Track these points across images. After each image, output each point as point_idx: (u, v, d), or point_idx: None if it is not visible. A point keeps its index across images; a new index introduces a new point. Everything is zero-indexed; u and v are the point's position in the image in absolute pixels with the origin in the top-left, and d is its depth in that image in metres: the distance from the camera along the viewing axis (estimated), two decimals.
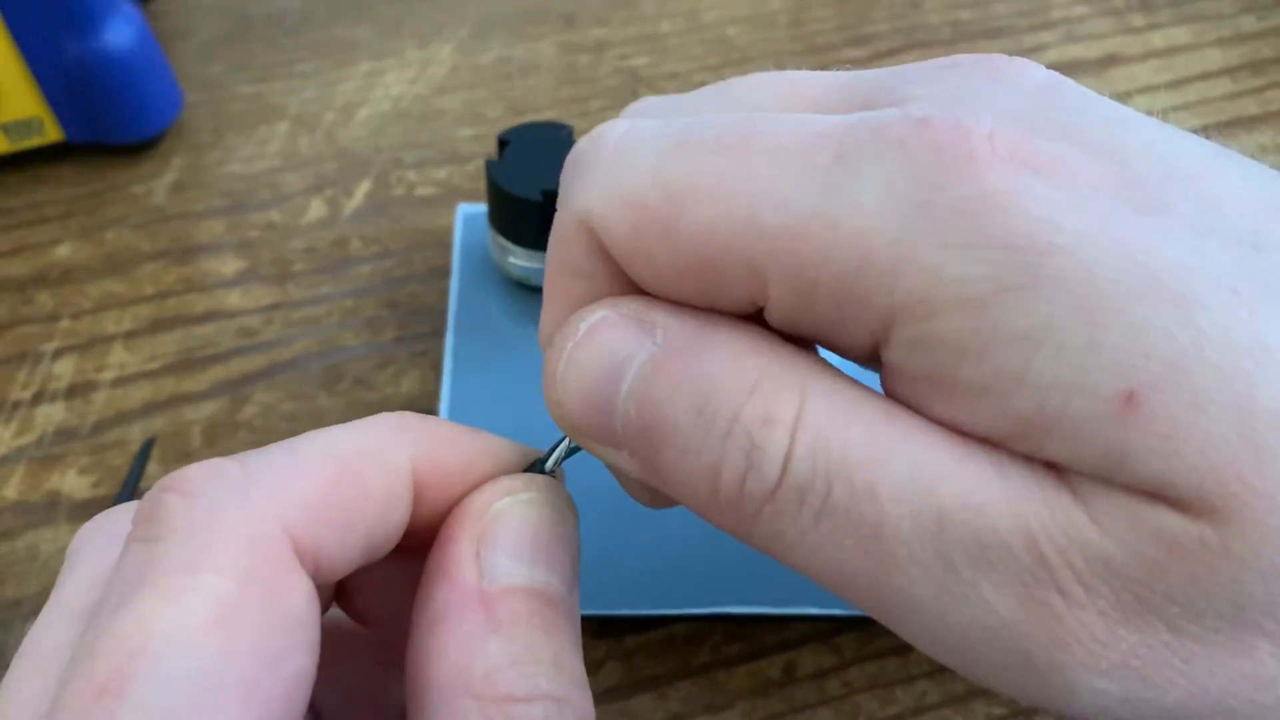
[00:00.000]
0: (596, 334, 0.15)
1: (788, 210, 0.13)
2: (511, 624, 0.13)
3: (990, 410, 0.13)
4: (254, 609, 0.12)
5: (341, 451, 0.14)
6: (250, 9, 0.45)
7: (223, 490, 0.13)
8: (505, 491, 0.15)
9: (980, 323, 0.12)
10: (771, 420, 0.13)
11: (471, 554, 0.14)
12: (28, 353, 0.33)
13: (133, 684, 0.11)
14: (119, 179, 0.38)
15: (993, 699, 0.27)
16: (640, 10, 0.45)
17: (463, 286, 0.33)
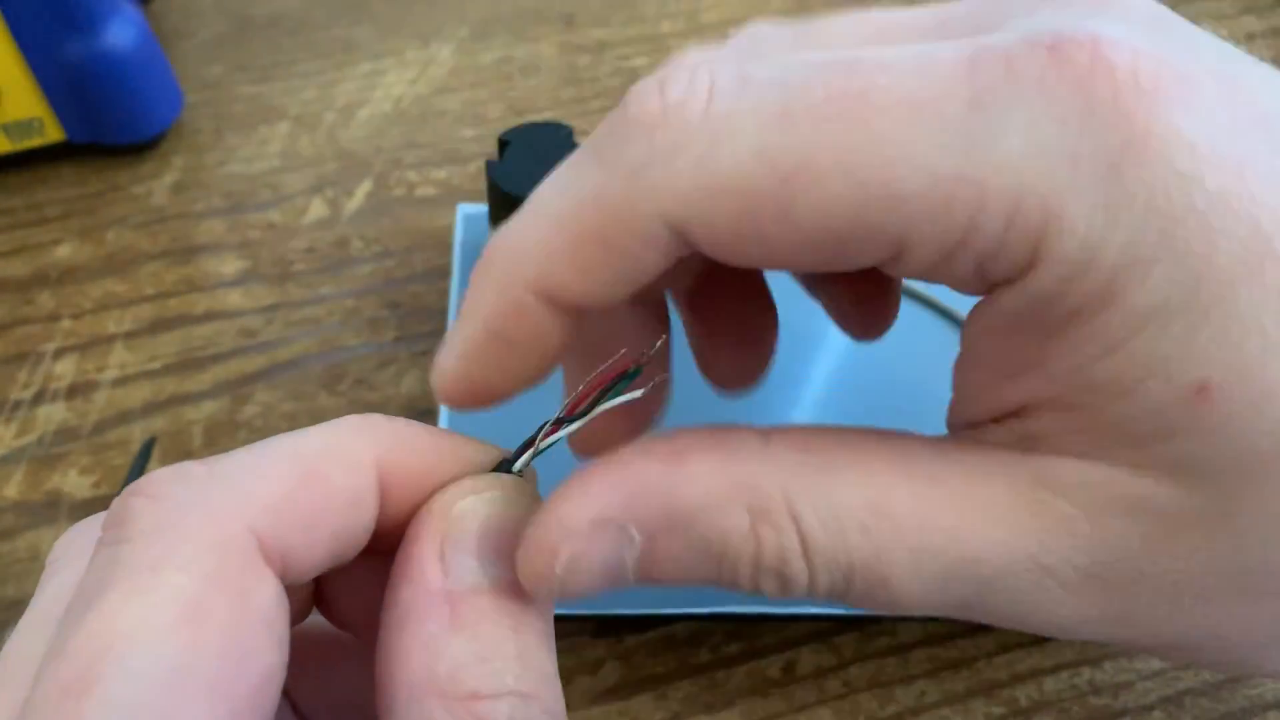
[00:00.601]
0: (577, 566, 0.14)
1: (928, 174, 0.13)
2: (476, 622, 0.13)
3: (1068, 366, 0.13)
4: (219, 607, 0.12)
5: (306, 453, 0.14)
6: (251, 10, 0.45)
7: (188, 493, 0.13)
8: (469, 490, 0.14)
9: (1105, 292, 0.13)
10: (786, 557, 0.15)
11: (435, 554, 0.14)
12: (28, 352, 0.33)
13: (100, 683, 0.11)
14: (119, 179, 0.38)
15: (992, 698, 0.27)
16: (640, 11, 0.45)
17: (463, 286, 0.33)
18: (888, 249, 0.14)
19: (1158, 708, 0.27)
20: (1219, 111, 0.13)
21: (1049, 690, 0.27)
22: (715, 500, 0.14)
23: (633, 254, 0.14)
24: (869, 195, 0.13)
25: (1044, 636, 0.28)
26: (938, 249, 0.13)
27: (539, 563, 0.14)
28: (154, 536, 0.12)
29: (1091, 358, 0.13)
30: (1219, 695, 0.27)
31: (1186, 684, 0.27)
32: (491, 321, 0.15)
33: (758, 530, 0.14)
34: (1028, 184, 0.12)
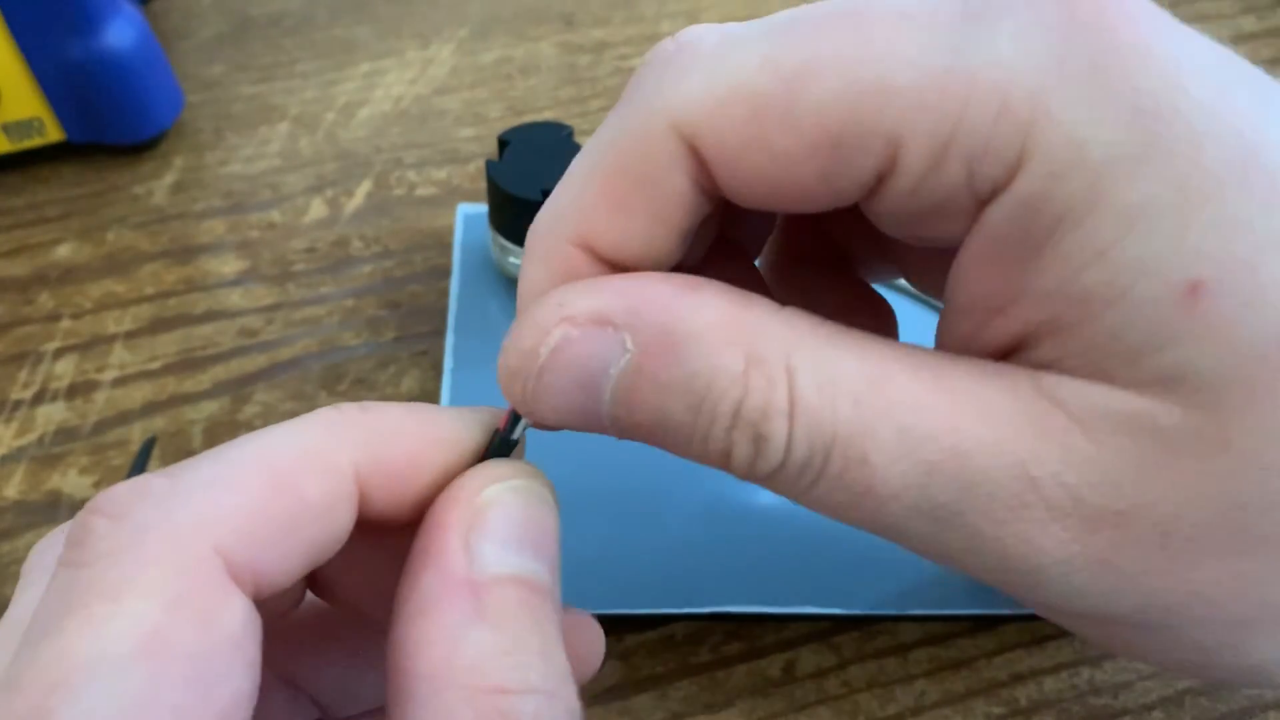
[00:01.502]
0: (562, 353, 0.14)
1: (920, 68, 0.13)
2: (500, 614, 0.13)
3: (1058, 279, 0.13)
4: (183, 634, 0.11)
5: (276, 458, 0.13)
6: (251, 10, 0.45)
7: (150, 511, 0.12)
8: (494, 478, 0.14)
9: (1092, 191, 0.13)
10: (770, 412, 0.14)
11: (460, 541, 0.13)
12: (28, 352, 0.33)
13: (54, 716, 0.10)
14: (120, 179, 0.38)
15: (992, 698, 0.27)
16: (640, 11, 0.45)
17: (463, 286, 0.33)
18: (882, 150, 0.14)
19: (1157, 707, 0.27)
20: (1197, 43, 0.13)
21: (1049, 690, 0.27)
22: (715, 334, 0.14)
23: (656, 181, 0.14)
24: (863, 90, 0.13)
25: (1044, 636, 0.28)
26: (929, 149, 0.13)
27: (527, 338, 0.14)
28: (113, 560, 0.12)
29: (1081, 265, 0.13)
30: (1218, 695, 0.27)
31: (1186, 684, 0.27)
32: (545, 288, 0.15)
33: (748, 375, 0.14)
34: (1015, 79, 0.13)
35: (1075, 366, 0.14)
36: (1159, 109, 0.12)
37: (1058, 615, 0.16)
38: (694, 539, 0.28)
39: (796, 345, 0.14)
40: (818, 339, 0.14)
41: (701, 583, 0.27)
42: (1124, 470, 0.13)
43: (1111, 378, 0.13)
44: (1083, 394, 0.14)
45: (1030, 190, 0.13)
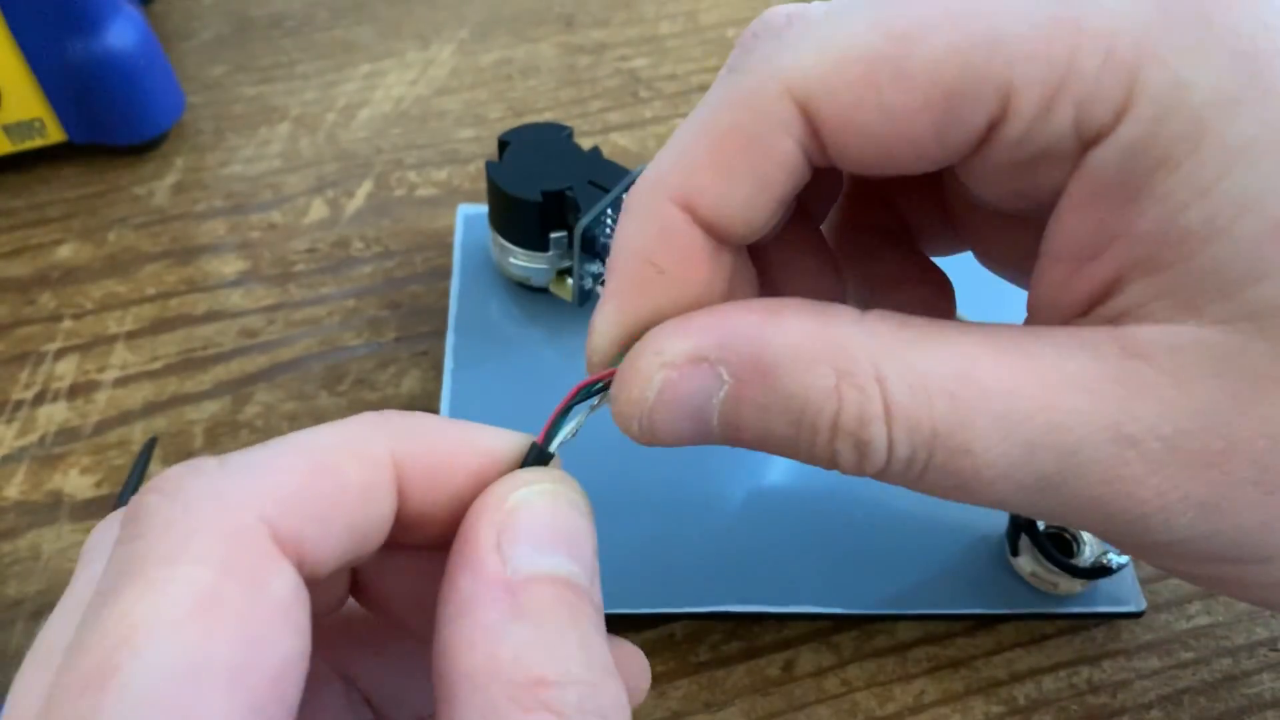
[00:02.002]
0: (666, 395, 0.16)
1: (1029, 17, 0.14)
2: (537, 610, 0.13)
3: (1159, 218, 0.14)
4: (234, 596, 0.12)
5: (319, 447, 0.14)
6: (251, 11, 0.45)
7: (201, 487, 0.13)
8: (524, 483, 0.15)
9: (1195, 132, 0.13)
10: (867, 419, 0.15)
11: (493, 544, 0.14)
12: (30, 353, 0.33)
13: (117, 676, 0.11)
14: (121, 180, 0.38)
15: (991, 697, 0.27)
16: (640, 12, 0.46)
17: (463, 287, 0.33)
18: (995, 99, 0.14)
19: (1156, 706, 0.27)
20: None
21: (1048, 689, 0.27)
22: (803, 354, 0.15)
23: (765, 144, 0.15)
24: (975, 42, 0.14)
25: (1043, 636, 0.28)
26: (1040, 96, 0.14)
27: (634, 388, 0.16)
28: (168, 530, 0.12)
29: (1183, 204, 0.13)
30: (1217, 694, 0.27)
31: (1185, 683, 0.27)
32: (640, 245, 0.16)
33: (840, 389, 0.15)
34: (1120, 25, 0.13)
35: (1163, 309, 0.14)
36: (1258, 51, 0.13)
37: (1160, 559, 0.17)
38: (693, 539, 0.28)
39: (883, 352, 0.15)
40: (903, 341, 0.15)
41: (701, 582, 0.27)
42: (1217, 411, 0.14)
43: (1201, 315, 0.14)
44: (1170, 340, 0.14)
45: (1135, 133, 0.14)
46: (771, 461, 0.30)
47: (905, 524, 0.29)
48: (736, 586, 0.27)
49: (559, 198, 0.30)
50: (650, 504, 0.29)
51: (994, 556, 0.28)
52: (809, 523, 0.29)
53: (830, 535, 0.28)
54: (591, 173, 0.30)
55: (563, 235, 0.31)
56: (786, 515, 0.29)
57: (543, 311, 0.33)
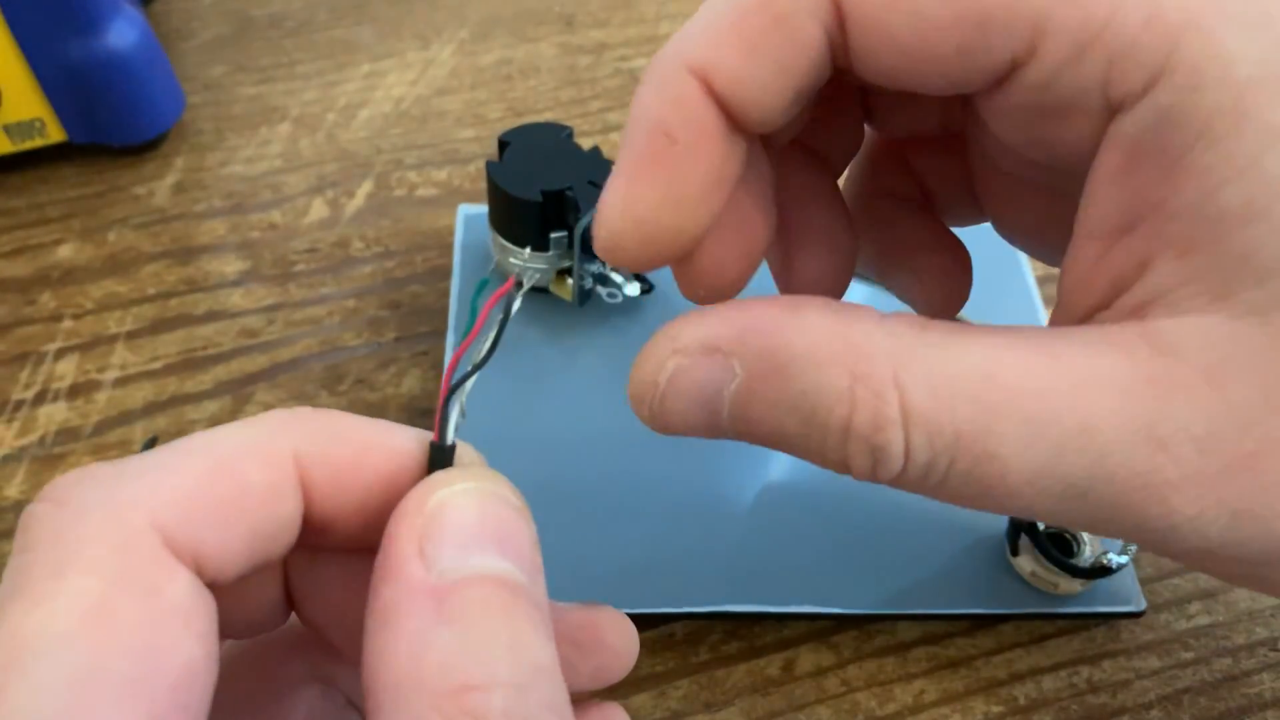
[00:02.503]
0: (677, 381, 0.16)
1: None
2: (463, 614, 0.13)
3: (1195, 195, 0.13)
4: (126, 606, 0.12)
5: (218, 448, 0.14)
6: (252, 10, 0.45)
7: (91, 494, 0.13)
8: (443, 483, 0.14)
9: (1236, 108, 0.13)
10: (882, 424, 0.14)
11: (414, 550, 0.13)
12: (30, 352, 0.33)
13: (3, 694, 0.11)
14: (121, 180, 0.38)
15: (991, 697, 0.27)
16: (640, 12, 0.46)
17: (463, 287, 0.33)
18: (1026, 35, 0.14)
19: (1156, 706, 0.27)
20: None
21: (1048, 689, 0.27)
22: (818, 353, 0.15)
23: (792, 25, 0.14)
24: None
25: (1043, 636, 0.28)
26: (1071, 42, 0.13)
27: (646, 370, 0.16)
28: (56, 541, 0.12)
29: (1221, 182, 0.13)
30: (1217, 694, 0.27)
31: (1185, 682, 0.27)
32: (655, 114, 0.15)
33: (854, 391, 0.14)
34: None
35: (1195, 294, 0.14)
36: None
37: (1192, 563, 0.16)
38: (693, 539, 0.28)
39: (904, 354, 0.14)
40: (925, 344, 0.15)
41: (701, 582, 0.27)
42: (1253, 409, 0.13)
43: (1235, 304, 0.13)
44: (1203, 336, 0.13)
45: (1170, 101, 0.13)
46: (771, 461, 0.30)
47: (905, 524, 0.29)
48: (736, 586, 0.27)
49: (559, 198, 0.30)
50: (650, 504, 0.29)
51: (994, 556, 0.28)
52: (809, 523, 0.29)
53: (830, 535, 0.28)
54: (592, 173, 0.30)
55: (563, 235, 0.31)
56: (787, 515, 0.29)
57: (543, 311, 0.33)
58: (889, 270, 0.22)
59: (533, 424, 0.30)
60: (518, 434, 0.30)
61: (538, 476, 0.29)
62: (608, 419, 0.30)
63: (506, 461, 0.29)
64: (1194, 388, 0.13)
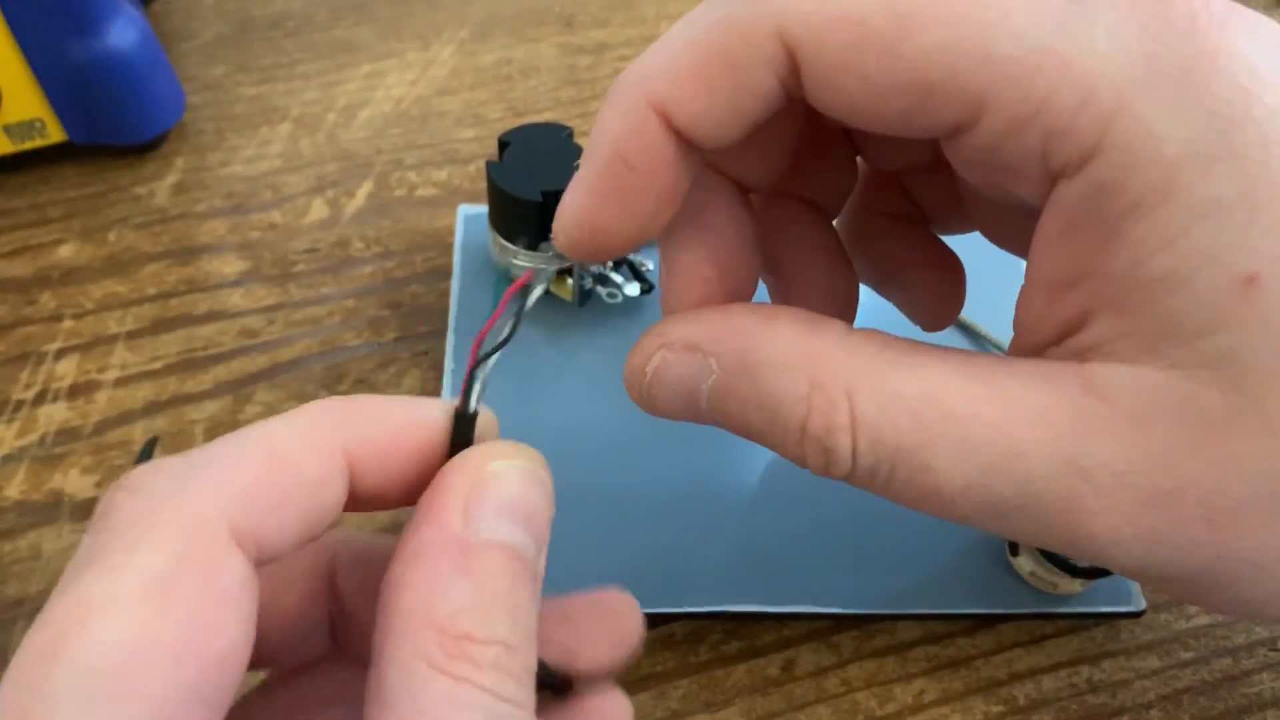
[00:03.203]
0: (662, 373, 0.18)
1: (1021, 41, 0.14)
2: (482, 573, 0.14)
3: (1128, 261, 0.14)
4: (186, 584, 0.13)
5: (275, 441, 0.15)
6: (252, 11, 0.45)
7: (165, 484, 0.14)
8: (498, 454, 0.16)
9: (1166, 185, 0.14)
10: (832, 428, 0.16)
11: (460, 504, 0.15)
12: (30, 352, 0.33)
13: (68, 648, 0.12)
14: (121, 180, 0.38)
15: (990, 697, 0.27)
16: (640, 12, 0.46)
17: (464, 286, 0.33)
18: (968, 108, 0.15)
19: (1156, 706, 0.27)
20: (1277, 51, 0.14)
21: (1047, 688, 0.27)
22: (783, 360, 0.16)
23: (749, 72, 0.16)
24: (966, 50, 0.14)
25: (1043, 636, 0.28)
26: (1009, 119, 0.14)
27: (636, 361, 0.18)
28: (130, 523, 0.13)
29: (1151, 251, 0.14)
30: (1217, 694, 0.27)
31: (1185, 682, 0.27)
32: (614, 139, 0.16)
33: (811, 397, 0.16)
34: (1105, 72, 0.14)
35: (1129, 347, 0.15)
36: (1234, 115, 0.13)
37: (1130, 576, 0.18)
38: (692, 538, 0.28)
39: (859, 369, 0.16)
40: (880, 361, 0.16)
41: (700, 582, 0.27)
42: (1170, 452, 0.14)
43: (1162, 359, 0.14)
44: (1131, 382, 0.15)
45: (1104, 176, 0.14)
46: (770, 462, 0.30)
47: (905, 524, 0.29)
48: (735, 586, 0.27)
49: (559, 198, 0.30)
50: (649, 504, 0.29)
51: (994, 556, 0.28)
52: (809, 522, 0.29)
53: (830, 535, 0.28)
54: None
55: None
56: (786, 515, 0.29)
57: (543, 311, 0.33)
58: (884, 285, 0.23)
59: (532, 423, 0.30)
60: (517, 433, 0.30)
61: None
62: (607, 419, 0.30)
63: None
64: (1117, 427, 0.15)
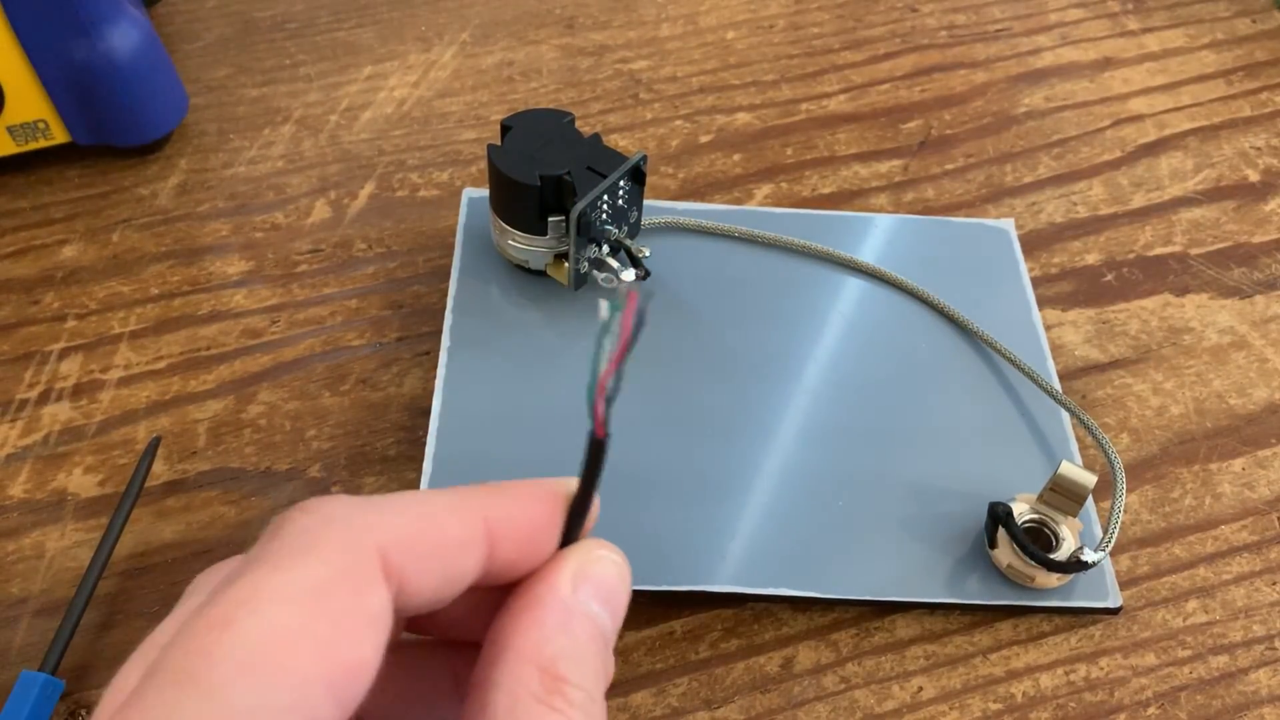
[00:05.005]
0: None
1: None
2: (579, 632, 0.17)
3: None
4: (339, 595, 0.15)
5: (432, 504, 0.17)
6: (255, 13, 0.45)
7: (335, 510, 0.16)
8: (603, 547, 0.18)
9: None
10: None
11: (569, 576, 0.17)
12: (34, 352, 0.33)
13: (235, 624, 0.14)
14: (125, 180, 0.38)
15: (988, 695, 0.27)
16: (640, 14, 0.46)
17: (464, 267, 0.34)
18: None
19: (1153, 704, 0.27)
20: None
21: (1045, 686, 0.27)
22: None
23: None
24: None
25: (1040, 634, 0.28)
26: None
27: None
28: (301, 535, 0.15)
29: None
30: (1214, 692, 0.27)
31: (1182, 681, 0.27)
32: None
33: None
34: None
35: None
36: None
37: None
38: (676, 520, 0.28)
39: None
40: None
41: (683, 563, 0.27)
42: None
43: None
44: None
45: None
46: (759, 450, 0.30)
47: (886, 514, 0.29)
48: (717, 568, 0.27)
49: (557, 182, 0.30)
50: (637, 486, 0.29)
51: (973, 549, 0.28)
52: (792, 511, 0.29)
53: (811, 524, 0.29)
54: (591, 159, 0.31)
55: (561, 219, 0.31)
56: (771, 503, 0.29)
57: (541, 294, 0.33)
58: None
59: (529, 404, 0.31)
60: (514, 413, 0.30)
61: (532, 455, 0.29)
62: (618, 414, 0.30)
63: (503, 439, 0.30)
64: None
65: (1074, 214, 0.39)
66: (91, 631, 0.28)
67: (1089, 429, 0.30)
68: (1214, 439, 0.33)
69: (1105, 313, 0.36)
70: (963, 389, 0.32)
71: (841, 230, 0.36)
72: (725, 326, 0.33)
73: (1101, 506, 0.30)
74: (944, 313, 0.34)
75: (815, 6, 0.46)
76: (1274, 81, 0.44)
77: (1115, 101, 0.43)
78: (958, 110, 0.42)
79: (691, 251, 0.35)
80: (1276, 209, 0.39)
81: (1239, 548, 0.30)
